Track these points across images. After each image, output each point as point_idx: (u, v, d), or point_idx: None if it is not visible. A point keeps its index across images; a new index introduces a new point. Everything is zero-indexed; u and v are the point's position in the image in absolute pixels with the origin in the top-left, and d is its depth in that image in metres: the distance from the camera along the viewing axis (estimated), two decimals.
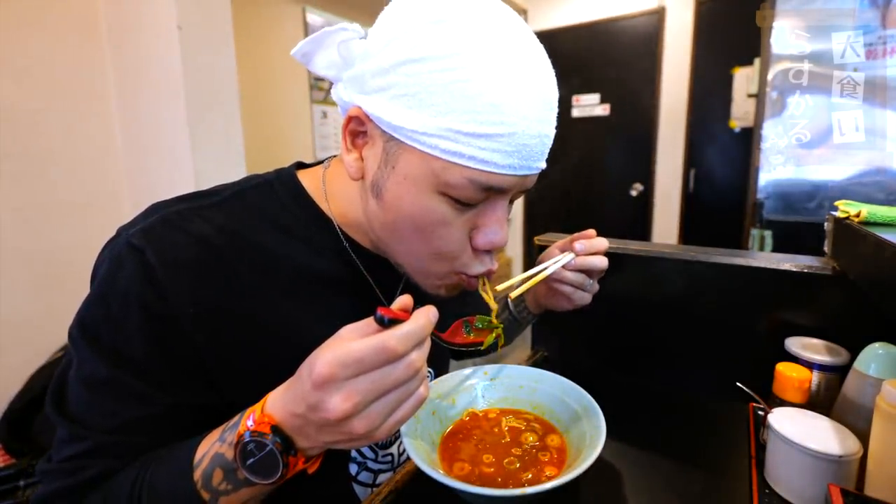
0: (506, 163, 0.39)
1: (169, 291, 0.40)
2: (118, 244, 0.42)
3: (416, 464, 0.43)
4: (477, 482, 0.46)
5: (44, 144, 1.36)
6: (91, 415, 0.41)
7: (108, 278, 0.41)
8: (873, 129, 1.34)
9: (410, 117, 0.39)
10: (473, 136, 0.38)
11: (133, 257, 0.41)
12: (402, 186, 0.42)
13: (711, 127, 2.76)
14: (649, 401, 0.73)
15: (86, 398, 0.41)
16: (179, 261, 0.41)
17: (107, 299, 0.41)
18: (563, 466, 0.48)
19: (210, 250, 0.43)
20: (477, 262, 0.46)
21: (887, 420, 0.42)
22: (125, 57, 1.45)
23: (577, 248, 0.60)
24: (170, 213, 0.44)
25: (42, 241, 1.37)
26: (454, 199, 0.41)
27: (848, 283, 0.60)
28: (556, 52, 2.80)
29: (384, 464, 0.58)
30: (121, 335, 0.40)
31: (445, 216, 0.42)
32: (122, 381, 0.41)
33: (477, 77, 0.37)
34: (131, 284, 0.40)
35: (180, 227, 0.43)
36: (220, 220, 0.45)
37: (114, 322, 0.41)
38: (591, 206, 3.29)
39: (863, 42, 1.33)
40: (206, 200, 0.46)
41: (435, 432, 0.53)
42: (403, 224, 0.43)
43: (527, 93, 0.39)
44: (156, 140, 1.45)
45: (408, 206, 0.42)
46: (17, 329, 1.32)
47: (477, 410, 0.59)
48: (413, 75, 0.38)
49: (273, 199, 0.49)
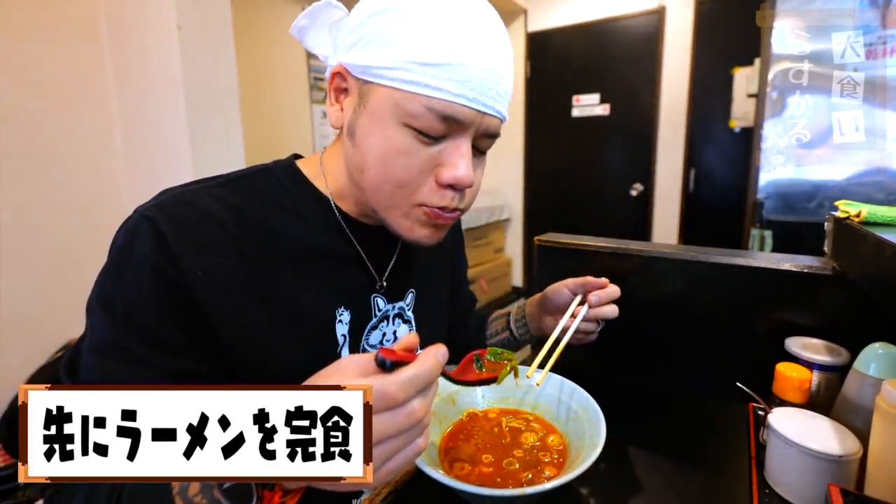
0: (458, 91, 0.43)
1: (180, 258, 0.43)
2: (132, 218, 0.45)
3: (416, 464, 0.43)
4: (477, 482, 0.46)
5: (44, 144, 1.36)
6: (98, 382, 0.42)
7: (123, 248, 0.44)
8: (873, 129, 1.34)
9: (376, 57, 0.44)
10: (428, 66, 0.43)
11: (147, 227, 0.44)
12: (370, 121, 0.46)
13: (711, 127, 2.76)
14: (649, 401, 0.73)
15: (96, 365, 0.42)
16: (189, 232, 0.45)
17: (121, 267, 0.43)
18: (563, 466, 0.48)
19: (217, 224, 0.47)
20: (438, 195, 0.47)
21: (887, 420, 0.42)
22: (125, 57, 1.45)
23: (591, 300, 0.64)
24: (180, 192, 0.48)
25: (42, 241, 1.37)
26: (417, 129, 0.45)
27: (848, 283, 0.60)
28: (556, 52, 2.77)
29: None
30: (135, 300, 0.42)
31: (408, 147, 0.45)
32: (133, 346, 0.42)
33: (430, 17, 0.43)
34: (145, 251, 0.43)
35: (191, 203, 0.47)
36: (226, 197, 0.49)
37: (128, 288, 0.43)
38: (591, 206, 3.29)
39: (863, 42, 1.33)
40: (212, 182, 0.51)
41: (435, 432, 0.53)
42: (370, 156, 0.47)
43: (474, 31, 0.44)
44: (156, 140, 1.45)
45: (374, 138, 0.46)
46: (17, 329, 1.32)
47: (477, 411, 0.59)
48: (378, 24, 0.44)
49: (272, 180, 0.53)
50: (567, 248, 0.85)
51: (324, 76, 0.52)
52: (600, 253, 0.82)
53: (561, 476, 0.43)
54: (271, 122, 2.32)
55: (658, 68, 2.87)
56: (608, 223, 3.20)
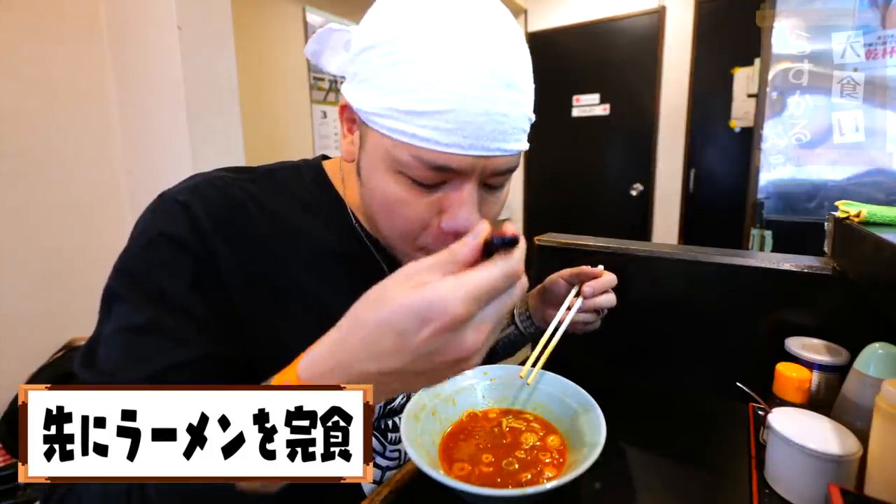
0: (449, 140, 0.39)
1: (210, 240, 0.44)
2: (163, 201, 0.45)
3: (417, 464, 0.43)
4: (477, 482, 0.46)
5: (43, 144, 1.36)
6: (122, 365, 0.40)
7: (152, 227, 0.44)
8: (873, 129, 1.34)
9: (366, 99, 0.42)
10: (413, 114, 0.39)
11: (179, 210, 0.44)
12: (369, 166, 0.45)
13: (711, 127, 2.76)
14: (649, 401, 0.73)
15: (121, 346, 0.41)
16: (221, 217, 0.45)
17: (152, 243, 0.43)
18: (563, 467, 0.48)
19: (245, 216, 0.47)
20: (442, 241, 0.44)
21: (887, 420, 0.42)
22: (125, 57, 1.45)
23: (585, 292, 0.63)
24: (213, 178, 0.48)
25: (42, 241, 1.37)
26: (411, 178, 0.42)
27: (848, 283, 0.60)
28: (556, 52, 2.76)
29: (392, 460, 0.58)
30: (165, 274, 0.42)
31: (405, 196, 0.43)
32: (162, 323, 0.41)
33: (415, 57, 0.38)
34: (178, 230, 0.43)
35: (223, 190, 0.47)
36: (255, 191, 0.49)
37: (159, 262, 0.43)
38: (591, 206, 3.28)
39: (863, 42, 1.33)
40: (243, 175, 0.51)
41: (435, 432, 0.53)
42: (373, 202, 0.46)
43: (466, 69, 0.38)
44: (156, 140, 1.45)
45: (373, 184, 0.45)
46: (17, 329, 1.32)
47: (477, 411, 0.59)
48: (367, 61, 0.41)
49: (299, 179, 0.54)
50: (567, 248, 0.85)
51: (323, 76, 0.52)
52: (600, 253, 0.82)
53: (561, 476, 0.43)
54: (271, 122, 2.31)
55: (658, 68, 2.87)
56: (608, 223, 3.20)
